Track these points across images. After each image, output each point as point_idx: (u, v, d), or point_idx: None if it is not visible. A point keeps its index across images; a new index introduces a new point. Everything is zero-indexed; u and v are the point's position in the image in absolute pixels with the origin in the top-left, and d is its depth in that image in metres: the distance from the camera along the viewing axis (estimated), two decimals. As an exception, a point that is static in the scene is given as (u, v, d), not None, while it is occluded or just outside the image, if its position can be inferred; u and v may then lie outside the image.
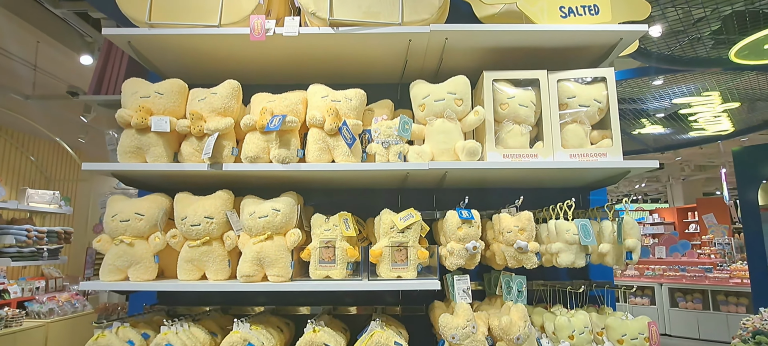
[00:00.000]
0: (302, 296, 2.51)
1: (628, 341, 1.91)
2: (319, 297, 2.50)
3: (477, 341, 1.92)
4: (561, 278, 2.49)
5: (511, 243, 1.96)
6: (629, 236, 1.94)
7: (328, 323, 2.18)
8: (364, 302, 2.50)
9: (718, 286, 7.74)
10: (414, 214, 2.03)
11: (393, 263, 2.00)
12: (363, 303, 2.49)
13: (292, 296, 2.51)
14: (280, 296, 2.51)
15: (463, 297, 2.00)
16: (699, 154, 10.21)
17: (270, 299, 2.51)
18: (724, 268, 8.27)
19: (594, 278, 2.50)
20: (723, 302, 7.71)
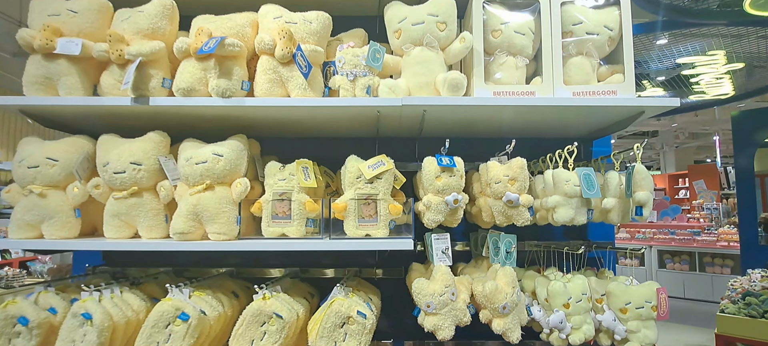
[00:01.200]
0: (275, 257, 2.17)
1: (633, 309, 1.59)
2: (295, 258, 2.16)
3: (457, 310, 1.59)
4: (556, 238, 2.15)
5: (500, 196, 1.59)
6: (640, 188, 1.58)
7: (290, 289, 1.85)
8: (345, 263, 2.16)
9: (705, 248, 7.65)
10: (385, 161, 1.65)
11: (360, 219, 1.64)
12: (344, 265, 2.15)
13: (263, 258, 2.17)
14: (249, 257, 2.16)
15: (442, 259, 1.65)
16: (694, 122, 9.86)
17: (242, 259, 2.16)
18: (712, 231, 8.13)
19: (593, 238, 2.17)
20: (709, 263, 7.62)
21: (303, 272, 2.12)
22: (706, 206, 9.60)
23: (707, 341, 5.14)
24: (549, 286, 1.63)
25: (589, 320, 1.63)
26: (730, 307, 4.00)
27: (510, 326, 1.56)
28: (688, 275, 7.67)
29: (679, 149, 12.40)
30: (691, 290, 7.55)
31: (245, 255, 2.18)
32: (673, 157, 12.50)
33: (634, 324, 1.58)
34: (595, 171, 1.83)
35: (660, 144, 12.17)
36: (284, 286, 1.80)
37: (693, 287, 7.57)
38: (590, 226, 2.18)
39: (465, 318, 1.61)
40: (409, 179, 2.00)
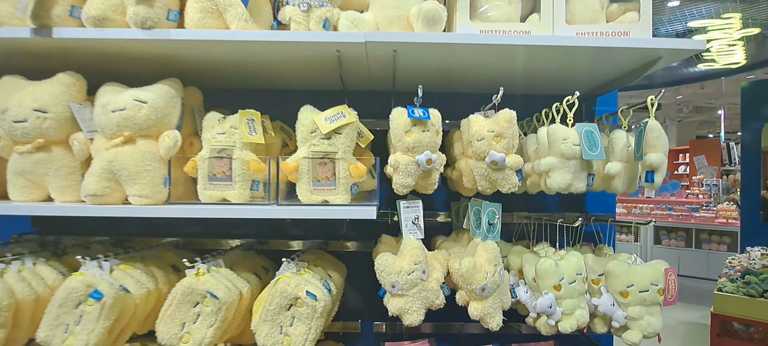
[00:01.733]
0: (239, 226, 1.90)
1: (635, 293, 1.33)
2: (261, 227, 1.89)
3: (428, 291, 1.33)
4: (550, 209, 1.88)
5: (483, 156, 1.30)
6: (653, 149, 1.29)
7: (238, 262, 1.59)
8: (314, 233, 1.89)
9: (702, 225, 7.46)
10: (345, 112, 1.35)
11: (315, 181, 1.36)
12: (313, 236, 1.89)
13: (223, 227, 1.90)
14: (209, 227, 1.90)
15: (412, 231, 1.38)
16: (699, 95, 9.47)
17: (201, 228, 1.90)
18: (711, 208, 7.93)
19: (591, 210, 1.90)
20: (706, 240, 7.46)
21: (261, 243, 1.86)
22: (705, 182, 9.39)
23: (701, 319, 4.98)
24: (538, 264, 1.36)
25: (584, 305, 1.38)
26: (728, 285, 3.79)
27: (489, 310, 1.31)
28: (684, 251, 7.52)
29: (681, 124, 12.05)
30: (687, 267, 7.41)
31: (204, 224, 1.91)
32: (675, 131, 12.16)
33: (636, 310, 1.33)
34: (598, 131, 1.54)
35: (662, 118, 11.80)
36: (231, 260, 1.54)
37: (688, 264, 7.43)
38: (588, 196, 1.91)
39: (437, 300, 1.35)
40: (384, 140, 1.71)
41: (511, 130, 1.26)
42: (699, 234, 7.68)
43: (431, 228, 1.84)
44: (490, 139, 1.27)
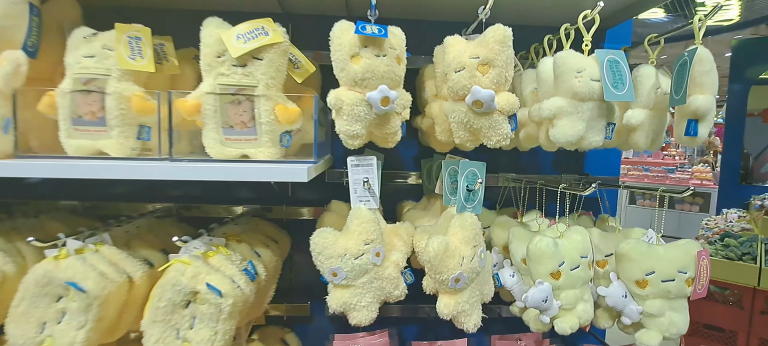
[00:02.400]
0: (238, 188, 1.45)
1: (657, 282, 0.98)
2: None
3: (383, 279, 0.95)
4: (542, 169, 1.51)
5: (463, 94, 0.88)
6: (700, 89, 0.90)
7: (143, 236, 1.17)
8: (257, 196, 1.47)
9: (677, 186, 7.41)
10: (268, 29, 0.90)
11: (226, 128, 0.93)
12: (254, 199, 1.46)
13: (119, 187, 1.45)
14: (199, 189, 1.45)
15: (364, 198, 0.98)
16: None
17: (102, 189, 1.44)
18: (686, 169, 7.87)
19: (591, 171, 1.53)
20: (679, 201, 7.42)
21: (186, 208, 1.43)
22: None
23: (673, 278, 4.92)
24: (531, 243, 0.99)
25: (588, 296, 1.03)
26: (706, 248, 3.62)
27: (464, 307, 0.94)
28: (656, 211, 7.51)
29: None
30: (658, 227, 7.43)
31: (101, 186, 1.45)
32: (655, 93, 11.94)
33: (656, 305, 0.99)
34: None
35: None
36: (131, 232, 1.13)
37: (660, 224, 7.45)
38: (588, 155, 1.53)
39: (396, 291, 0.98)
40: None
41: (503, 57, 0.84)
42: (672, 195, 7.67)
43: (399, 192, 1.45)
44: (474, 69, 0.85)
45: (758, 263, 3.12)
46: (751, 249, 3.44)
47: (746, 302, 3.10)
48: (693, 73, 0.89)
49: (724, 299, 3.41)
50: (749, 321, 3.09)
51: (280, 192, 1.45)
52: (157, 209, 1.38)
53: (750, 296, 3.10)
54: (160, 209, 1.37)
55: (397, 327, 1.39)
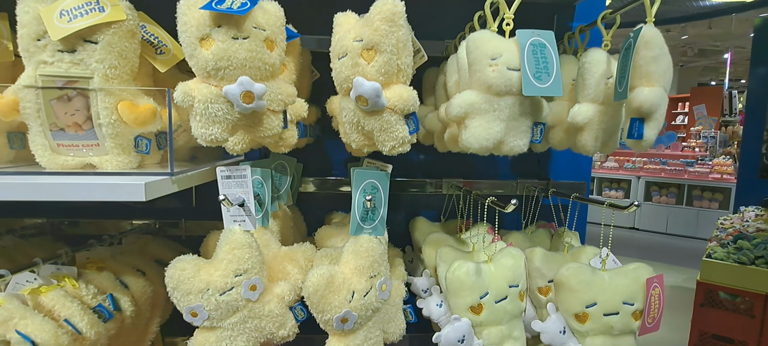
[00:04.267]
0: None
1: (598, 316, 0.88)
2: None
3: (262, 318, 0.85)
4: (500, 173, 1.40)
5: (348, 89, 0.77)
6: (646, 79, 0.79)
7: None
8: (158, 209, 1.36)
9: (696, 181, 7.35)
10: (104, 2, 0.79)
11: (55, 130, 0.82)
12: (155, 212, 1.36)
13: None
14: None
15: (238, 217, 0.87)
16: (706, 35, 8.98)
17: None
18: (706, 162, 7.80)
19: (559, 172, 1.42)
20: (697, 197, 7.37)
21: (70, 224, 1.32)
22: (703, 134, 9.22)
23: (685, 282, 4.83)
24: (448, 272, 0.89)
25: (518, 334, 0.93)
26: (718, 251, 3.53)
27: (358, 351, 0.84)
28: (673, 208, 7.44)
29: (683, 69, 11.63)
30: (674, 225, 7.34)
31: None
32: (676, 78, 11.78)
33: (597, 343, 0.89)
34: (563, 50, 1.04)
35: (664, 62, 11.36)
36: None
37: (676, 222, 7.36)
38: (555, 156, 1.43)
39: (282, 331, 0.88)
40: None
41: (392, 40, 0.72)
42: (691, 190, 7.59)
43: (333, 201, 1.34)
44: (357, 56, 0.74)
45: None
46: (765, 252, 3.35)
47: (758, 310, 3.01)
48: (637, 59, 0.78)
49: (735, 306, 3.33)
50: (760, 331, 3.00)
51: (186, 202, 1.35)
52: (26, 225, 1.27)
53: (762, 304, 3.02)
54: (30, 226, 1.26)
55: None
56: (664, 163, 7.68)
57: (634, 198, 7.41)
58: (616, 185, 7.76)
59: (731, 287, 3.27)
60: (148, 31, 0.91)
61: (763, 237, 3.55)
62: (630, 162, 7.79)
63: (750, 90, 5.78)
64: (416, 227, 1.24)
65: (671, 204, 7.45)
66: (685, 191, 7.35)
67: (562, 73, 1.01)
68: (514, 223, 1.34)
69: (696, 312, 3.25)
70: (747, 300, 3.19)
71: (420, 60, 0.87)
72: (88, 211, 1.34)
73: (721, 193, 7.29)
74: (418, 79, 1.18)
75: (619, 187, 7.65)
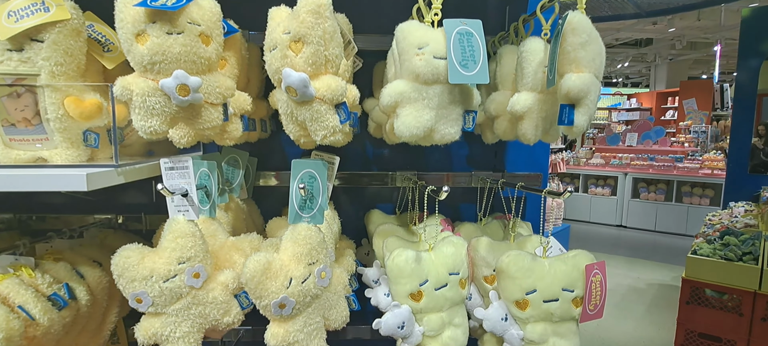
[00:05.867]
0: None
1: (538, 303, 0.89)
2: None
3: (206, 305, 0.86)
4: (455, 167, 1.40)
5: (279, 80, 0.78)
6: (574, 65, 0.79)
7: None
8: (123, 206, 1.37)
9: (685, 176, 7.26)
10: (50, 3, 0.80)
11: (6, 126, 0.82)
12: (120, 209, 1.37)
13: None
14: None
15: (181, 207, 0.87)
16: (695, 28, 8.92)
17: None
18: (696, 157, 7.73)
19: (515, 163, 1.42)
20: (687, 193, 7.28)
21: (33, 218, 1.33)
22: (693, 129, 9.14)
23: (673, 280, 4.81)
24: (389, 260, 0.90)
25: (460, 321, 0.94)
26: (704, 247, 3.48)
27: (298, 337, 0.85)
28: (662, 205, 7.35)
29: (672, 63, 11.55)
30: (663, 222, 7.26)
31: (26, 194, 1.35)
32: (665, 72, 11.70)
33: (538, 329, 0.89)
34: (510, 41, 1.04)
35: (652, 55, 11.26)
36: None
37: (665, 219, 7.27)
38: (511, 147, 1.43)
39: (228, 318, 0.89)
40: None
41: (318, 31, 0.73)
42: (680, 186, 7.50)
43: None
44: (285, 48, 0.74)
45: (760, 263, 2.93)
46: (753, 248, 3.27)
47: (746, 307, 2.93)
48: (565, 45, 0.78)
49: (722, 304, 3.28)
50: (749, 330, 2.94)
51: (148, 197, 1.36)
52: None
53: (750, 302, 2.94)
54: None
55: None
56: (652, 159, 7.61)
57: (620, 195, 7.37)
58: (602, 182, 7.70)
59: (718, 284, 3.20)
60: (95, 29, 0.92)
61: (752, 233, 3.49)
62: (616, 159, 7.73)
63: (738, 82, 5.71)
64: (371, 219, 1.24)
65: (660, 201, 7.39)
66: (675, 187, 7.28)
67: (507, 63, 1.03)
68: (471, 216, 1.35)
69: (682, 310, 3.21)
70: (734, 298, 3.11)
71: (352, 52, 0.88)
72: (54, 207, 1.35)
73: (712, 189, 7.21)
74: (369, 74, 1.19)
75: (605, 184, 7.60)
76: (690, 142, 8.50)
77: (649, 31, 8.86)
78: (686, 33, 9.12)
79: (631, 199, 7.37)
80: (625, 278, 4.70)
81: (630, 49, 10.44)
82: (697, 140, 8.76)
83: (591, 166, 7.77)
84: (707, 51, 10.17)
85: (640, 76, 14.32)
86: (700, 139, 8.81)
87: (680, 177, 7.37)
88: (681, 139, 8.60)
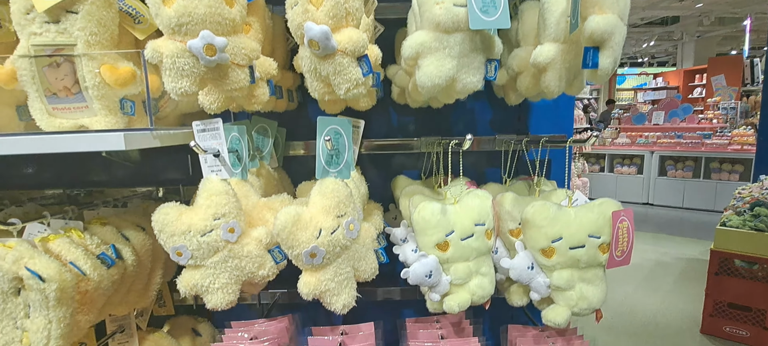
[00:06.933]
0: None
1: (564, 250, 0.86)
2: None
3: (241, 258, 0.87)
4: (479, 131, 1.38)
5: (301, 36, 0.78)
6: (597, 7, 0.75)
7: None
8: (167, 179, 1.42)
9: (713, 153, 6.90)
10: None
11: (49, 95, 0.86)
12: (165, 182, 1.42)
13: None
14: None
15: (214, 167, 0.89)
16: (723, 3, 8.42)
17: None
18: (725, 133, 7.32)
19: (540, 124, 1.38)
20: (716, 169, 6.93)
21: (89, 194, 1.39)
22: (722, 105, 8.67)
23: (701, 255, 4.60)
24: (415, 212, 0.89)
25: (487, 270, 0.92)
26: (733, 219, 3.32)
27: (330, 286, 0.85)
28: (690, 182, 7.03)
29: (700, 40, 10.93)
30: (691, 199, 6.94)
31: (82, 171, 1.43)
32: (693, 50, 11.09)
33: (564, 276, 0.87)
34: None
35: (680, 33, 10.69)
36: None
37: (693, 196, 6.95)
38: (535, 111, 1.39)
39: (262, 270, 0.90)
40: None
41: (337, -19, 0.72)
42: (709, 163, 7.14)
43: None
44: (306, 2, 0.74)
45: (792, 234, 2.80)
46: None
47: None
48: (587, -14, 0.75)
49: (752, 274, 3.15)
50: None
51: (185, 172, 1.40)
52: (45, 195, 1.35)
53: None
54: (49, 196, 1.34)
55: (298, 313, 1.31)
56: (679, 137, 7.27)
57: (647, 173, 7.08)
58: (628, 161, 7.42)
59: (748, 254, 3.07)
60: (126, 3, 0.94)
61: (782, 204, 3.32)
62: (643, 137, 7.42)
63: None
64: (397, 184, 1.24)
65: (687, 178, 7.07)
66: (703, 164, 6.95)
67: (528, 19, 0.99)
68: (496, 179, 1.32)
69: (710, 281, 3.09)
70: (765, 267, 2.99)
71: (372, 6, 0.87)
72: (99, 182, 1.41)
73: (742, 164, 6.85)
74: (392, 41, 1.17)
75: (631, 163, 7.32)
76: (718, 119, 8.08)
77: (675, 9, 8.43)
78: (714, 8, 8.62)
79: (657, 176, 7.09)
80: (652, 253, 4.53)
81: (656, 28, 9.95)
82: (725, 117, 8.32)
83: (616, 146, 7.50)
84: (736, 26, 9.59)
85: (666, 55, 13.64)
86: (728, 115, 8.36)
87: (708, 153, 7.02)
88: (709, 115, 8.18)
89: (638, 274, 3.98)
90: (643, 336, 3.05)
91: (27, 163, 1.44)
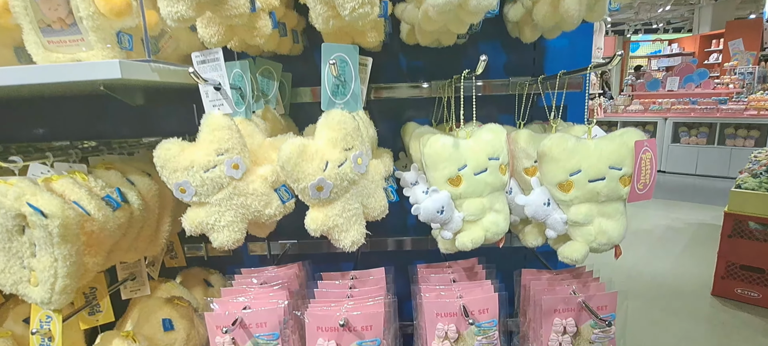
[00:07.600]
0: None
1: (583, 183, 0.80)
2: None
3: (247, 195, 0.84)
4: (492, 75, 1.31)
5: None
6: None
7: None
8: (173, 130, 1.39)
9: (728, 118, 6.68)
10: None
11: (44, 27, 0.81)
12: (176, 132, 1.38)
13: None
14: None
15: (215, 102, 0.85)
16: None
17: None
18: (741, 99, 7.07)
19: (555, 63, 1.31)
20: (731, 135, 6.73)
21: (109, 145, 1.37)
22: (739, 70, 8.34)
23: (713, 219, 4.51)
24: (425, 146, 0.84)
25: (501, 206, 0.87)
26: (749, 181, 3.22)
27: (337, 221, 0.82)
28: (703, 149, 6.84)
29: (718, 4, 10.45)
30: (704, 166, 6.77)
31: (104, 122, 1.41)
32: (710, 14, 10.60)
33: (582, 210, 0.82)
34: None
35: (696, -3, 10.23)
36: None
37: (707, 162, 6.78)
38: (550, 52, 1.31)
39: (268, 209, 0.87)
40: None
41: None
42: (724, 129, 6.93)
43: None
44: None
45: (807, 196, 2.72)
46: None
47: None
48: None
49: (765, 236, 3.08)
50: None
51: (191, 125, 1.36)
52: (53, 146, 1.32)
53: None
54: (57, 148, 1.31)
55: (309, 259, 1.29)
56: (693, 103, 7.04)
57: (659, 140, 6.91)
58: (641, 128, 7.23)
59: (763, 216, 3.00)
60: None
61: (799, 166, 3.22)
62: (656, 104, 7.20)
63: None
64: (406, 130, 1.18)
65: (701, 144, 6.88)
66: (717, 130, 6.74)
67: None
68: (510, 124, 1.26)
69: (723, 243, 3.04)
70: (779, 230, 2.92)
71: None
72: (106, 134, 1.38)
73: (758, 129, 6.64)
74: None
75: (644, 130, 7.13)
76: (735, 84, 7.78)
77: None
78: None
79: (671, 143, 6.92)
80: (663, 219, 4.45)
81: (673, -5, 9.50)
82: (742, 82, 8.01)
83: (629, 113, 7.29)
84: (757, -13, 9.11)
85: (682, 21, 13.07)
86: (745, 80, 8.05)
87: (724, 119, 6.80)
88: (725, 80, 7.88)
89: (649, 238, 3.92)
90: (655, 298, 3.03)
91: (36, 123, 1.41)
